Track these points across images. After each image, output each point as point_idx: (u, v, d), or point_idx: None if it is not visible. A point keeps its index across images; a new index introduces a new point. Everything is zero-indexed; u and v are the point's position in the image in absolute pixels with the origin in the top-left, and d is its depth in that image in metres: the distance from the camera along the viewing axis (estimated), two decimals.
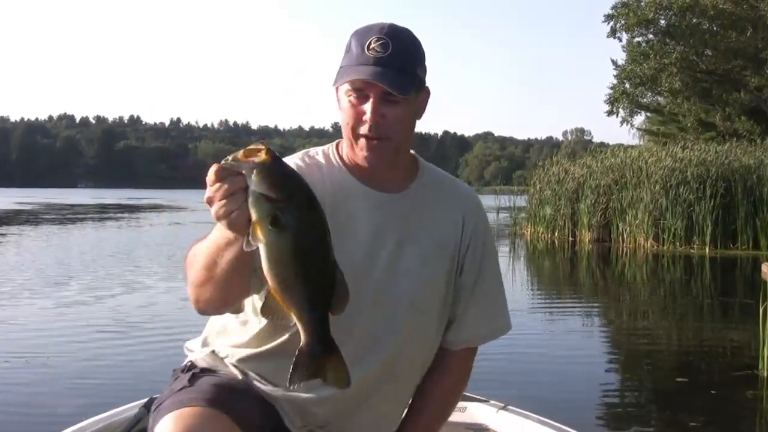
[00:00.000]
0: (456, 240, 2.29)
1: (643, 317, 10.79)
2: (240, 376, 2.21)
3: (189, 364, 2.32)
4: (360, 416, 2.24)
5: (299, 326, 1.61)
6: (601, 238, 22.63)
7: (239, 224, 1.62)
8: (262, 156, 1.54)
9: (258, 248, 1.57)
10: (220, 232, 1.76)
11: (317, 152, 2.27)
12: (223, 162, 1.59)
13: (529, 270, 17.44)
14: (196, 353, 2.33)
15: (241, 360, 2.21)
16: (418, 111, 2.21)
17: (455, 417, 2.77)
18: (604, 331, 9.81)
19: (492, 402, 3.11)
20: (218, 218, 1.63)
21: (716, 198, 20.36)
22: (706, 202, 20.41)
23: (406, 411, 2.37)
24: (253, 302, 2.11)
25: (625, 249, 21.10)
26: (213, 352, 2.28)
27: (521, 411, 3.01)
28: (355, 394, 2.14)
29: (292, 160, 2.19)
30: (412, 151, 2.30)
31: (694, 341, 8.98)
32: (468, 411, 3.08)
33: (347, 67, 2.10)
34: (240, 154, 1.57)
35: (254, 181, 1.52)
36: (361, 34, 2.12)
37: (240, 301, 2.08)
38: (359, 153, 2.14)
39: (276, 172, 1.54)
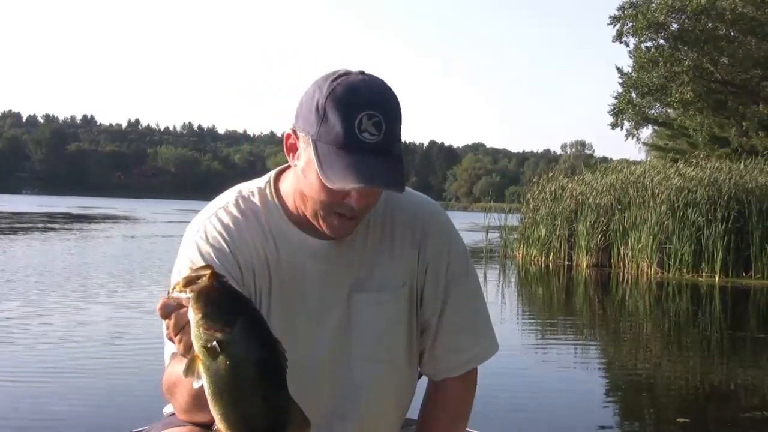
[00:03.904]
0: (412, 273, 2.28)
1: (645, 351, 10.78)
2: None
3: None
4: None
5: None
6: (600, 262, 22.71)
7: None
8: (203, 281, 1.51)
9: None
10: None
11: (252, 192, 2.22)
12: (168, 294, 1.58)
13: (521, 297, 17.44)
14: None
15: None
16: None
17: None
18: (602, 366, 9.80)
19: None
20: (182, 354, 1.60)
21: (728, 221, 20.42)
22: (716, 225, 20.47)
23: None
24: None
25: (626, 275, 21.15)
26: None
27: None
28: None
29: (227, 207, 2.19)
30: None
31: (700, 378, 8.98)
32: None
33: (333, 154, 1.95)
34: (181, 282, 1.55)
35: (190, 312, 1.50)
36: (345, 104, 1.96)
37: None
38: (322, 224, 2.11)
39: (213, 298, 1.50)
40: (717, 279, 20.01)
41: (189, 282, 1.53)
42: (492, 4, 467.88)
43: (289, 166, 2.22)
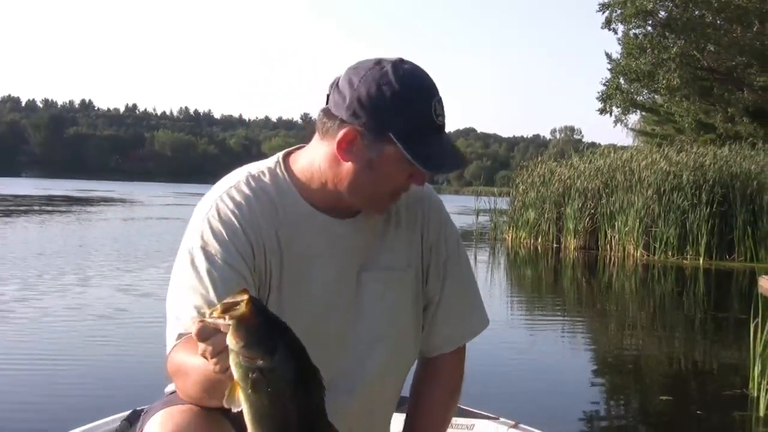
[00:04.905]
0: (417, 251, 2.31)
1: (631, 331, 10.85)
2: None
3: None
4: None
5: None
6: (588, 245, 22.76)
7: None
8: (241, 309, 1.50)
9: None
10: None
11: (263, 171, 2.19)
12: (205, 317, 1.56)
13: (510, 279, 17.49)
14: None
15: None
16: None
17: None
18: (588, 346, 9.85)
19: (502, 420, 3.11)
20: (216, 373, 1.58)
21: (712, 205, 20.53)
22: (701, 209, 20.59)
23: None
24: None
25: (613, 258, 21.22)
26: None
27: (532, 429, 3.02)
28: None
29: (238, 185, 2.15)
30: None
31: (684, 358, 9.05)
32: (477, 428, 3.09)
33: (424, 142, 2.02)
34: (218, 308, 1.53)
35: (230, 340, 1.49)
36: (420, 94, 2.04)
37: None
38: (372, 207, 2.17)
39: (253, 327, 1.49)
40: (701, 262, 20.10)
41: (226, 308, 1.51)
42: None
43: (297, 149, 2.25)
